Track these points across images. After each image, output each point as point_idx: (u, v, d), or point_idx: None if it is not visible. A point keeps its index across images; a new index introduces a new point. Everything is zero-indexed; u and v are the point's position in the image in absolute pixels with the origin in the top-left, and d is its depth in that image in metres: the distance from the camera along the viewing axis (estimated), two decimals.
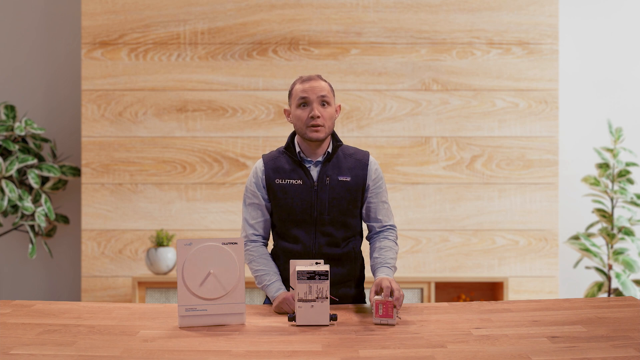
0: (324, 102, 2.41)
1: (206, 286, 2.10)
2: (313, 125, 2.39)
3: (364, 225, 2.56)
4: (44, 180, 4.43)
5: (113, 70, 4.35)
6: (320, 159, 2.46)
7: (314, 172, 2.45)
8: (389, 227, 2.51)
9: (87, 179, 4.35)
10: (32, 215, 4.31)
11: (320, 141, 2.42)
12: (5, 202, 4.19)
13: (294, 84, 2.46)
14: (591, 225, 4.36)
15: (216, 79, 4.36)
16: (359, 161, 2.48)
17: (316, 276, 2.12)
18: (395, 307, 2.13)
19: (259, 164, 2.49)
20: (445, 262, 4.35)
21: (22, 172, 4.37)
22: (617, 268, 4.26)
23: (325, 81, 2.46)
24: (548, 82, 4.34)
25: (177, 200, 4.36)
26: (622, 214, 4.39)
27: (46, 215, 4.33)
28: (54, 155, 4.49)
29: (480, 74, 4.35)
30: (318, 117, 2.38)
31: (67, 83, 4.66)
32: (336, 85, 4.27)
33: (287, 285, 2.40)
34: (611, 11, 4.63)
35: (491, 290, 4.36)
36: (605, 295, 4.33)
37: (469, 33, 4.35)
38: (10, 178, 4.30)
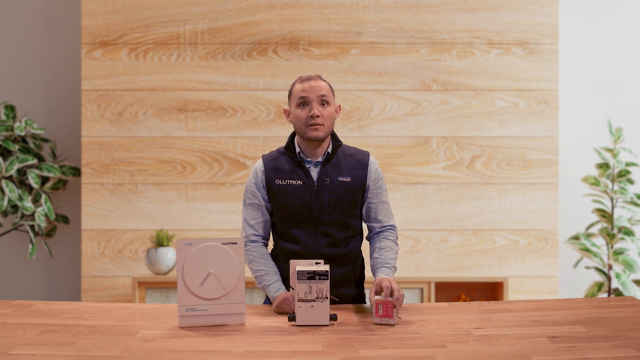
0: (323, 102, 2.41)
1: (206, 286, 2.10)
2: (312, 124, 2.39)
3: (364, 226, 2.56)
4: (44, 180, 4.43)
5: (113, 70, 4.36)
6: (320, 159, 2.46)
7: (314, 172, 2.45)
8: (389, 227, 2.51)
9: (87, 179, 4.35)
10: (32, 215, 4.31)
11: (320, 141, 2.42)
12: (5, 202, 4.19)
13: (293, 84, 2.46)
14: (591, 225, 4.36)
15: (216, 79, 4.36)
16: (359, 161, 2.47)
17: (316, 276, 2.12)
18: (395, 307, 2.13)
19: (259, 164, 2.49)
20: (445, 262, 4.35)
21: (22, 172, 4.37)
22: (617, 268, 4.26)
23: (325, 81, 2.46)
24: (548, 82, 4.34)
25: (177, 200, 4.36)
26: (622, 214, 4.39)
27: (46, 215, 4.33)
28: (54, 155, 4.49)
29: (480, 74, 4.35)
30: (317, 116, 2.38)
31: (67, 83, 4.66)
32: (336, 85, 4.27)
33: (287, 286, 2.40)
34: (611, 11, 4.63)
35: (491, 290, 4.36)
36: (605, 295, 4.33)
37: (469, 33, 4.35)
38: (10, 178, 4.30)
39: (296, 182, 2.43)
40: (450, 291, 4.35)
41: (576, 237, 4.29)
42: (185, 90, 4.36)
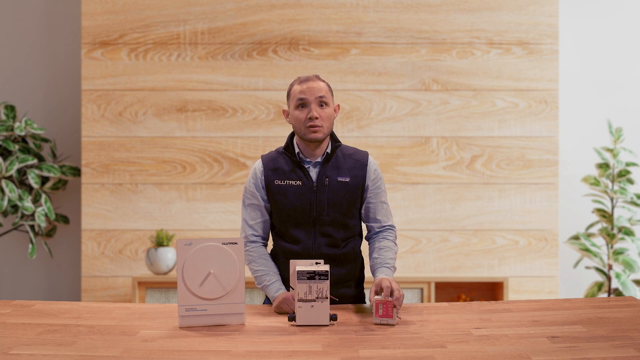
0: (322, 103, 2.41)
1: (206, 286, 2.10)
2: (311, 126, 2.39)
3: (364, 226, 2.56)
4: (44, 180, 4.43)
5: (113, 70, 4.36)
6: (319, 159, 2.46)
7: (313, 172, 2.45)
8: (388, 227, 2.51)
9: (87, 179, 4.35)
10: (32, 215, 4.31)
11: (319, 142, 2.42)
12: (5, 202, 4.19)
13: (292, 85, 2.46)
14: (591, 225, 4.36)
15: (216, 79, 4.36)
16: (358, 161, 2.47)
17: (316, 276, 2.12)
18: (395, 307, 2.13)
19: (258, 164, 2.49)
20: (445, 262, 4.35)
21: (22, 172, 4.37)
22: (617, 268, 4.26)
23: (324, 81, 2.45)
24: (548, 82, 4.34)
25: (177, 200, 4.36)
26: (622, 214, 4.39)
27: (46, 215, 4.33)
28: (54, 155, 4.49)
29: (480, 74, 4.35)
30: (316, 118, 2.38)
31: (67, 83, 4.66)
32: (336, 85, 4.27)
33: (287, 286, 2.40)
34: (611, 11, 4.63)
35: (491, 290, 4.36)
36: (605, 295, 4.33)
37: (469, 33, 4.35)
38: (10, 178, 4.30)
39: (295, 183, 2.43)
40: (450, 291, 4.35)
41: (576, 237, 4.29)
42: (185, 90, 4.36)
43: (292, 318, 2.14)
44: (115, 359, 1.78)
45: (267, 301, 2.51)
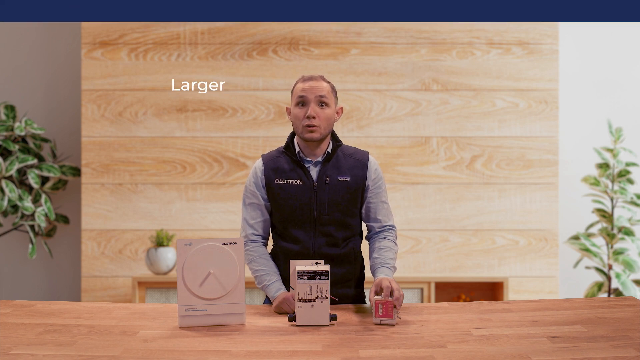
0: (322, 103, 2.41)
1: (206, 286, 2.10)
2: (308, 126, 2.38)
3: (364, 225, 2.56)
4: (44, 180, 4.43)
5: (113, 70, 4.36)
6: (319, 159, 2.46)
7: (314, 172, 2.45)
8: (388, 227, 2.50)
9: (87, 179, 4.35)
10: (32, 215, 4.31)
11: (316, 142, 2.42)
12: (5, 202, 4.19)
13: (296, 83, 2.46)
14: (591, 225, 4.37)
15: (216, 79, 4.36)
16: (359, 161, 2.47)
17: (316, 276, 2.12)
18: (395, 307, 2.13)
19: (259, 163, 2.49)
20: (445, 262, 4.35)
21: (22, 172, 4.37)
22: (617, 268, 4.26)
23: (328, 82, 2.45)
24: (548, 82, 4.35)
25: (177, 200, 4.36)
26: (622, 214, 4.39)
27: (46, 215, 4.33)
28: (54, 155, 4.49)
29: (480, 74, 4.35)
30: (313, 117, 2.38)
31: (67, 83, 4.66)
32: (336, 85, 4.27)
33: (287, 286, 2.40)
34: None
35: (491, 290, 4.36)
36: (605, 295, 4.33)
37: (469, 33, 4.35)
38: (10, 178, 4.30)
39: (296, 182, 2.43)
40: (450, 291, 4.35)
41: (576, 237, 4.29)
42: (185, 90, 4.36)
43: (292, 318, 2.14)
44: (115, 359, 1.78)
45: (267, 301, 2.51)
